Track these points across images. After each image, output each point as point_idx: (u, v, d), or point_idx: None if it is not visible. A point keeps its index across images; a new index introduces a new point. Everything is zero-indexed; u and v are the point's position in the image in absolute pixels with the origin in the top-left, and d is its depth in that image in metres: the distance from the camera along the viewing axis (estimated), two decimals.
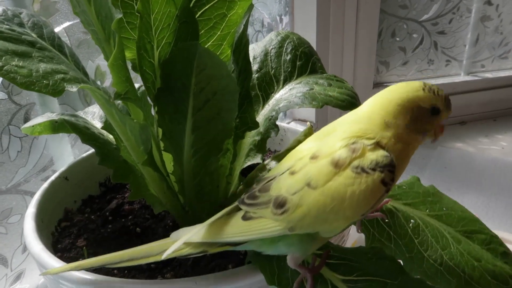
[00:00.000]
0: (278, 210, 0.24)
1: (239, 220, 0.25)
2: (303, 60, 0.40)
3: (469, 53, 1.03)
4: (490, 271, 0.28)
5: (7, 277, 0.43)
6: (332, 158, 0.24)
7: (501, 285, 0.27)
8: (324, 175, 0.24)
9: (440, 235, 0.30)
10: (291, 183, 0.24)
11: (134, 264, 0.27)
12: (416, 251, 0.29)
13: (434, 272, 0.28)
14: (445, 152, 0.92)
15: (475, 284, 0.27)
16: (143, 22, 0.25)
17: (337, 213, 0.23)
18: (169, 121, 0.30)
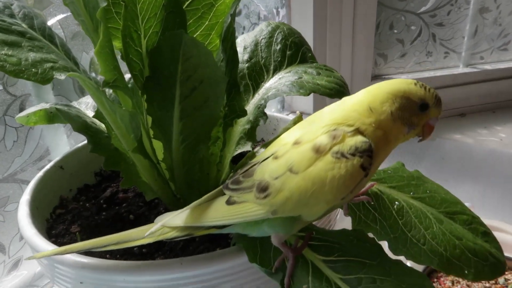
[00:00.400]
0: (261, 194, 0.24)
1: (223, 204, 0.26)
2: (293, 49, 0.40)
3: (468, 45, 1.02)
4: (471, 249, 0.28)
5: (5, 264, 0.44)
6: (313, 144, 0.25)
7: (481, 262, 0.28)
8: (306, 161, 0.24)
9: (424, 216, 0.30)
10: (273, 168, 0.25)
11: (121, 247, 0.27)
12: (400, 231, 0.30)
13: (417, 251, 0.28)
14: (443, 143, 0.93)
15: (456, 261, 0.28)
16: (128, 11, 0.26)
17: (317, 197, 0.24)
18: (157, 108, 0.30)
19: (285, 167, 0.24)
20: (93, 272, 0.28)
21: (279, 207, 0.24)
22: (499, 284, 0.44)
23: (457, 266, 0.28)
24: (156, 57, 0.29)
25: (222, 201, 0.26)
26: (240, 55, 0.41)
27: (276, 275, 0.25)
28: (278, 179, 0.24)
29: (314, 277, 0.24)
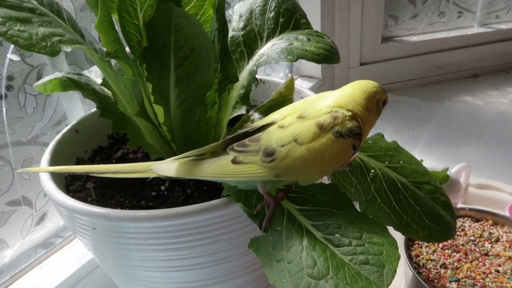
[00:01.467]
0: (267, 158, 0.28)
1: (229, 163, 0.29)
2: (286, 17, 0.42)
3: (483, 4, 1.00)
4: (428, 215, 0.33)
5: (33, 217, 0.50)
6: (317, 121, 0.29)
7: (434, 226, 0.32)
8: (310, 134, 0.28)
9: (393, 184, 0.34)
10: (280, 136, 0.29)
11: (118, 176, 0.31)
12: (371, 196, 0.33)
13: (383, 213, 0.32)
14: (452, 105, 0.93)
15: (413, 225, 0.32)
16: None
17: (316, 167, 0.28)
18: (156, 76, 0.34)
19: (291, 137, 0.28)
20: (105, 220, 0.32)
21: (282, 171, 0.28)
22: (483, 237, 0.47)
23: (413, 229, 0.32)
24: (151, 29, 0.32)
25: (227, 160, 0.29)
26: (236, 23, 0.43)
27: (256, 218, 0.29)
28: (284, 147, 0.28)
29: (288, 222, 0.27)
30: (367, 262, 0.25)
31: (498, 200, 0.60)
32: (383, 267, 0.25)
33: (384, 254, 0.26)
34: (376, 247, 0.26)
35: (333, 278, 0.24)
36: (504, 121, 0.85)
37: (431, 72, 1.01)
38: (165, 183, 0.41)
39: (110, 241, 0.34)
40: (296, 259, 0.25)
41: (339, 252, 0.26)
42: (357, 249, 0.26)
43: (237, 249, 0.34)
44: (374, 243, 0.26)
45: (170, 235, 0.32)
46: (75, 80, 0.37)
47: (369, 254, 0.26)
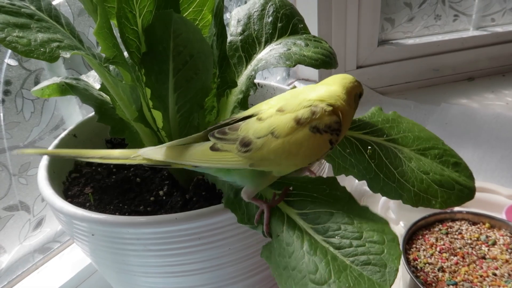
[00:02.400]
0: (242, 148, 0.28)
1: (208, 149, 0.30)
2: (284, 21, 0.42)
3: (479, 7, 1.01)
4: (437, 181, 0.32)
5: (30, 222, 0.49)
6: (295, 115, 0.28)
7: (447, 191, 0.31)
8: (287, 129, 0.28)
9: (394, 156, 0.33)
10: (257, 128, 0.29)
11: (104, 162, 0.31)
12: (374, 173, 0.33)
13: (389, 188, 0.32)
14: (448, 108, 0.93)
15: (423, 194, 0.31)
16: None
17: (290, 160, 0.28)
18: (155, 81, 0.34)
19: (268, 130, 0.28)
20: (104, 226, 0.32)
21: (256, 161, 0.28)
22: (481, 240, 0.47)
23: (424, 198, 0.31)
24: (151, 34, 0.32)
25: (207, 146, 0.30)
26: (234, 28, 0.43)
27: (258, 227, 0.29)
28: (261, 139, 0.28)
29: (288, 227, 0.28)
30: (369, 262, 0.25)
31: (495, 202, 0.61)
32: (385, 267, 0.25)
33: (386, 253, 0.26)
34: (377, 246, 0.26)
35: (335, 282, 0.24)
36: (500, 124, 0.85)
37: (428, 75, 1.02)
38: (163, 188, 0.41)
39: (109, 246, 0.34)
40: (298, 265, 0.25)
41: (341, 254, 0.26)
42: (358, 249, 0.26)
43: (237, 254, 0.34)
44: (375, 242, 0.26)
45: (169, 241, 0.32)
46: (73, 85, 0.37)
47: (370, 254, 0.26)
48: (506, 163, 0.73)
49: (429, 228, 0.50)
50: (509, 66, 1.05)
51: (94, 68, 0.34)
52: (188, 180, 0.41)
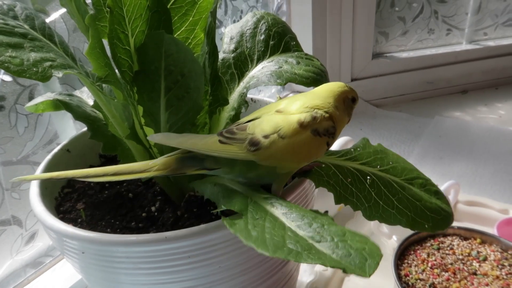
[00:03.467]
0: (251, 147, 0.31)
1: (216, 142, 0.32)
2: (276, 39, 0.43)
3: (471, 21, 1.02)
4: (428, 208, 0.35)
5: (23, 236, 0.49)
6: (298, 119, 0.31)
7: (436, 217, 0.34)
8: (292, 130, 0.31)
9: (390, 185, 0.35)
10: (263, 128, 0.31)
11: (116, 179, 0.32)
12: (373, 201, 0.35)
13: (388, 214, 0.34)
14: (442, 121, 0.94)
15: (418, 219, 0.34)
16: (114, 16, 0.29)
17: (293, 159, 0.32)
18: (147, 99, 0.34)
19: (274, 130, 0.31)
20: (94, 244, 0.32)
21: (264, 158, 0.31)
22: (472, 256, 0.47)
23: (419, 223, 0.34)
24: (143, 54, 0.32)
25: (216, 138, 0.32)
26: (227, 46, 0.44)
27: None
28: (268, 139, 0.31)
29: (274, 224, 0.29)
30: (349, 254, 0.26)
31: (487, 217, 0.61)
32: (365, 260, 0.25)
33: (367, 249, 0.26)
34: (359, 244, 0.26)
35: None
36: (493, 137, 0.86)
37: (421, 88, 1.03)
38: (155, 204, 0.41)
39: (99, 264, 0.34)
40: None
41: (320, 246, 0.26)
42: (339, 244, 0.26)
43: (227, 272, 0.34)
44: (357, 240, 0.27)
45: (160, 259, 0.32)
46: (66, 102, 0.37)
47: (351, 249, 0.26)
48: (499, 177, 0.73)
49: (421, 243, 0.50)
50: (502, 79, 1.06)
51: (87, 86, 0.35)
52: (180, 196, 0.41)
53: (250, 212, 0.30)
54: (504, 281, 0.44)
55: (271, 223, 0.28)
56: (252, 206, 0.31)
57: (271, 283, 0.39)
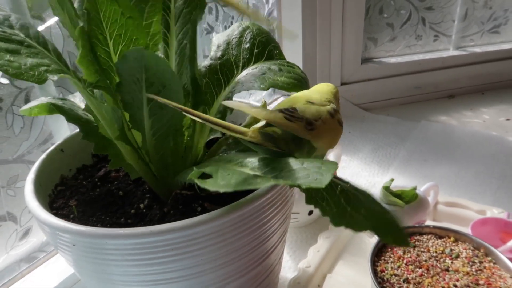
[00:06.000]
0: (308, 126, 0.35)
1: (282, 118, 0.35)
2: (260, 48, 0.45)
3: (458, 28, 1.05)
4: (392, 223, 0.35)
5: (17, 232, 0.52)
6: (328, 110, 0.37)
7: (397, 231, 0.35)
8: (329, 119, 0.36)
9: (357, 198, 0.36)
10: (312, 113, 0.36)
11: (221, 130, 0.33)
12: (342, 206, 0.36)
13: (354, 221, 0.34)
14: (428, 125, 0.97)
15: (383, 229, 0.34)
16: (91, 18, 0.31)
17: (329, 142, 0.37)
18: (130, 108, 0.36)
19: (319, 116, 0.36)
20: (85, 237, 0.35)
21: (315, 138, 0.35)
22: (445, 253, 0.50)
23: (382, 232, 0.34)
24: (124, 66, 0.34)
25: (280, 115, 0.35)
26: (214, 53, 0.46)
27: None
28: (317, 122, 0.35)
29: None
30: (307, 176, 0.28)
31: (464, 217, 0.64)
32: (321, 175, 0.28)
33: (323, 167, 0.29)
34: (316, 165, 0.30)
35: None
36: (476, 141, 0.89)
37: (409, 92, 1.06)
38: (144, 201, 0.44)
39: (90, 256, 0.36)
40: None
41: (279, 177, 0.29)
42: (299, 171, 0.29)
43: (209, 264, 0.37)
44: (314, 164, 0.30)
45: (145, 251, 0.34)
46: (59, 105, 0.40)
47: (308, 171, 0.29)
48: (479, 179, 0.76)
49: None
50: (488, 85, 1.09)
51: (79, 91, 0.37)
52: (167, 194, 0.43)
53: (220, 172, 0.32)
54: (473, 277, 0.46)
55: (238, 174, 0.31)
56: (222, 168, 0.33)
57: (253, 275, 0.42)
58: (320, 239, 0.61)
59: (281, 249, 0.47)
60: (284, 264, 0.61)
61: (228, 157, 0.36)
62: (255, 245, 0.39)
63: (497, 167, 0.78)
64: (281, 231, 0.44)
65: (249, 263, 0.40)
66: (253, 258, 0.40)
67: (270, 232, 0.40)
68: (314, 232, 0.67)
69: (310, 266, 0.57)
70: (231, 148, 0.43)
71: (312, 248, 0.59)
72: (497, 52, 1.05)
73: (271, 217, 0.39)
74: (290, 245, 0.65)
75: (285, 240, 0.48)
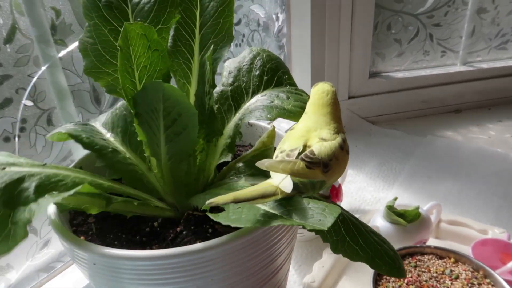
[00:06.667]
0: (324, 169, 0.37)
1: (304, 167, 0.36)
2: (269, 75, 0.48)
3: (465, 44, 1.06)
4: (387, 254, 0.37)
5: (37, 244, 0.55)
6: (340, 144, 0.38)
7: (392, 263, 0.37)
8: (339, 153, 0.38)
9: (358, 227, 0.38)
10: (327, 153, 0.37)
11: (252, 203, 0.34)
12: (341, 235, 0.37)
13: (352, 250, 0.36)
14: (434, 140, 0.98)
15: (378, 260, 0.36)
16: (123, 53, 0.34)
17: (340, 174, 0.39)
18: (147, 134, 0.39)
19: (333, 154, 0.37)
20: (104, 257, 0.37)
21: (330, 177, 0.37)
22: (445, 274, 0.52)
23: (378, 263, 0.36)
24: (143, 96, 0.37)
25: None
26: (226, 79, 0.49)
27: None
28: (332, 161, 0.37)
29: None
30: (311, 216, 0.31)
31: (466, 236, 0.65)
32: (325, 217, 0.31)
33: (327, 210, 0.32)
34: (320, 207, 0.32)
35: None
36: (480, 158, 0.90)
37: (416, 106, 1.07)
38: (157, 220, 0.46)
39: (107, 274, 0.39)
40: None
41: (287, 217, 0.32)
42: (305, 213, 0.31)
43: (220, 283, 0.39)
44: (319, 206, 0.32)
45: (160, 272, 0.37)
46: (76, 135, 0.42)
47: (313, 212, 0.32)
48: (482, 197, 0.77)
49: None
50: (495, 100, 1.10)
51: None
52: (181, 214, 0.46)
53: (232, 205, 0.35)
54: None
55: (248, 208, 0.34)
56: None
57: None
58: (325, 255, 0.63)
59: (287, 267, 0.49)
60: (290, 278, 0.64)
61: (237, 185, 0.39)
62: (263, 265, 0.41)
63: (500, 186, 0.80)
64: (288, 251, 0.46)
65: (257, 281, 0.42)
66: (261, 277, 0.42)
67: (278, 253, 0.43)
68: (319, 247, 0.69)
69: (315, 281, 0.59)
70: (240, 172, 0.46)
71: (317, 263, 0.61)
72: (504, 68, 1.07)
73: (279, 239, 0.41)
74: (295, 259, 0.67)
75: (291, 258, 0.50)
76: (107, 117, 0.49)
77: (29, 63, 0.48)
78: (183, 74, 0.46)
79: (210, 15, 0.45)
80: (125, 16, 0.42)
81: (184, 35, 0.45)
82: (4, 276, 0.52)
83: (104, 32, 0.41)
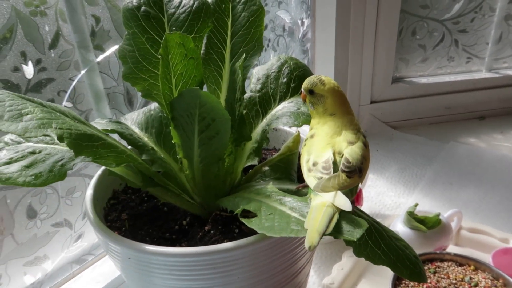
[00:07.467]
0: (360, 173, 0.38)
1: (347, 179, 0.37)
2: (296, 82, 0.50)
3: (492, 51, 1.05)
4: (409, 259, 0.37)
5: (72, 237, 0.58)
6: (364, 144, 0.40)
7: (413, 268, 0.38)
8: (365, 152, 0.39)
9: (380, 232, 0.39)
10: (358, 158, 0.38)
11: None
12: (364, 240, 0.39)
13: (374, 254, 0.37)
14: (456, 146, 0.98)
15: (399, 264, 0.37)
16: (164, 61, 0.37)
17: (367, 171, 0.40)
18: (181, 138, 0.41)
19: (362, 156, 0.38)
20: (137, 252, 0.40)
21: (362, 179, 0.39)
22: (464, 281, 0.53)
23: (399, 268, 0.38)
24: (180, 102, 0.39)
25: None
26: (254, 85, 0.51)
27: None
28: (362, 164, 0.38)
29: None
30: (341, 227, 0.34)
31: (487, 244, 0.66)
32: (353, 228, 0.34)
33: (355, 222, 0.35)
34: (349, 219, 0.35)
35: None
36: (504, 166, 0.90)
37: (439, 112, 1.07)
38: (186, 218, 0.49)
39: (139, 268, 0.41)
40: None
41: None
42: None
43: (244, 281, 0.41)
44: (348, 218, 0.35)
45: (189, 268, 0.39)
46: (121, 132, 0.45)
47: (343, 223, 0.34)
48: (504, 205, 0.77)
49: None
50: None
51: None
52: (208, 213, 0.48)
53: (263, 210, 0.37)
54: None
55: (279, 215, 0.35)
56: (265, 206, 0.38)
57: None
58: (344, 257, 0.64)
59: (308, 269, 0.51)
60: (309, 279, 0.65)
61: (265, 190, 0.41)
62: (286, 266, 0.43)
63: None
64: (310, 253, 0.48)
65: (279, 281, 0.44)
66: (283, 277, 0.44)
67: (301, 255, 0.45)
68: (338, 249, 0.70)
69: (334, 283, 0.61)
70: (266, 175, 0.48)
71: (336, 266, 0.63)
72: None
73: (302, 241, 0.43)
74: (315, 260, 0.69)
75: (312, 260, 0.52)
76: (140, 117, 0.52)
77: (70, 67, 0.52)
78: (214, 81, 0.48)
79: (241, 25, 0.47)
80: (162, 26, 0.44)
81: (216, 43, 0.47)
82: (41, 266, 0.55)
83: (141, 40, 0.44)
